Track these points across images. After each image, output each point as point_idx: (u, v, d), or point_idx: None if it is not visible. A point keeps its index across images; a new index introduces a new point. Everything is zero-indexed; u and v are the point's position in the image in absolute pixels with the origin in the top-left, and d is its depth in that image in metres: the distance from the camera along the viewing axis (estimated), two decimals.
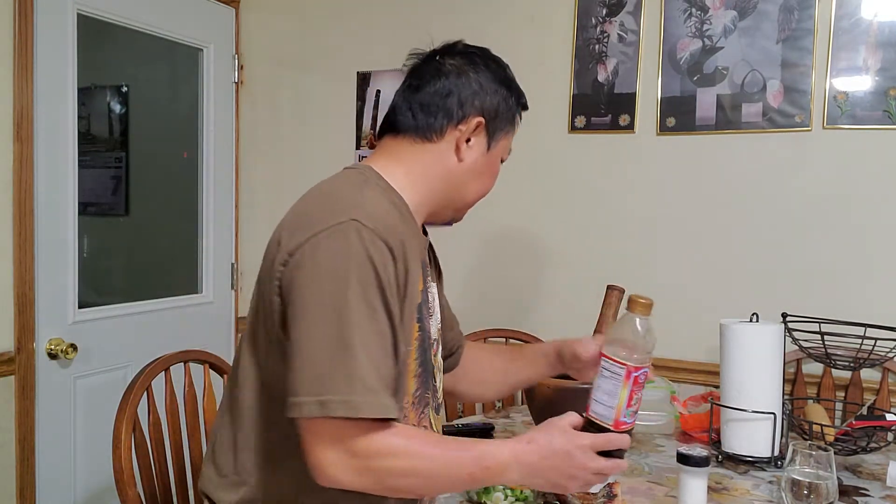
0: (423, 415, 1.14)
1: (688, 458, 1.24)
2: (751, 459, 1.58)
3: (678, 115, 2.18)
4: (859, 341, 1.73)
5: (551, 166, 2.35)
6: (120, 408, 1.44)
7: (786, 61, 2.06)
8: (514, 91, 1.17)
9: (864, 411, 1.67)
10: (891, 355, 1.75)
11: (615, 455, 1.02)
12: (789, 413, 1.65)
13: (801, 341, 1.82)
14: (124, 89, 3.03)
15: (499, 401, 2.31)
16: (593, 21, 2.28)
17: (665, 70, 2.19)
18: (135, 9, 2.28)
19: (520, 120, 1.20)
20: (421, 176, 1.12)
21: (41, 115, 2.01)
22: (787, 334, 1.73)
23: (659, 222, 2.23)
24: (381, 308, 0.96)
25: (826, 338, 1.76)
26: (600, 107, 2.28)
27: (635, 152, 2.24)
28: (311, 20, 2.71)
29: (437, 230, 1.45)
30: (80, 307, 2.15)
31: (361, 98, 2.63)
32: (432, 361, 1.16)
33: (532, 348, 1.39)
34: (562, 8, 2.32)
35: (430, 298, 1.17)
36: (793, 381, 2.06)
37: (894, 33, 1.95)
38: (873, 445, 1.57)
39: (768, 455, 1.57)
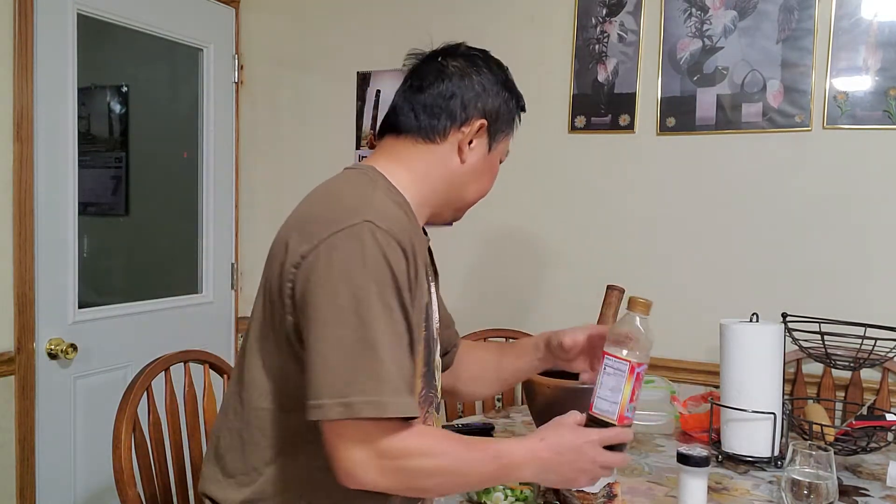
0: (427, 414, 1.14)
1: (688, 458, 1.24)
2: (751, 459, 1.58)
3: (678, 115, 2.18)
4: (859, 341, 1.73)
5: (551, 166, 2.35)
6: (120, 408, 1.43)
7: (786, 61, 2.06)
8: (515, 93, 1.18)
9: (864, 411, 1.67)
10: (891, 355, 1.75)
11: (618, 449, 1.05)
12: (789, 413, 1.65)
13: (801, 341, 1.82)
14: (124, 89, 3.03)
15: (499, 400, 2.32)
16: (593, 21, 2.28)
17: (665, 70, 2.19)
18: (135, 9, 2.28)
19: (519, 122, 1.21)
20: (423, 177, 1.12)
21: (41, 115, 2.00)
22: (787, 334, 1.73)
23: (659, 222, 2.23)
24: (398, 308, 0.96)
25: (826, 338, 1.76)
26: (600, 107, 2.28)
27: (635, 152, 2.24)
28: (311, 20, 2.71)
29: (437, 230, 1.45)
30: (80, 307, 2.14)
31: (361, 98, 2.63)
32: (435, 361, 1.17)
33: (522, 342, 1.40)
34: (562, 8, 2.32)
35: (432, 298, 1.18)
36: (793, 381, 2.06)
37: (894, 33, 1.95)
38: (873, 445, 1.57)
39: (768, 455, 1.58)
